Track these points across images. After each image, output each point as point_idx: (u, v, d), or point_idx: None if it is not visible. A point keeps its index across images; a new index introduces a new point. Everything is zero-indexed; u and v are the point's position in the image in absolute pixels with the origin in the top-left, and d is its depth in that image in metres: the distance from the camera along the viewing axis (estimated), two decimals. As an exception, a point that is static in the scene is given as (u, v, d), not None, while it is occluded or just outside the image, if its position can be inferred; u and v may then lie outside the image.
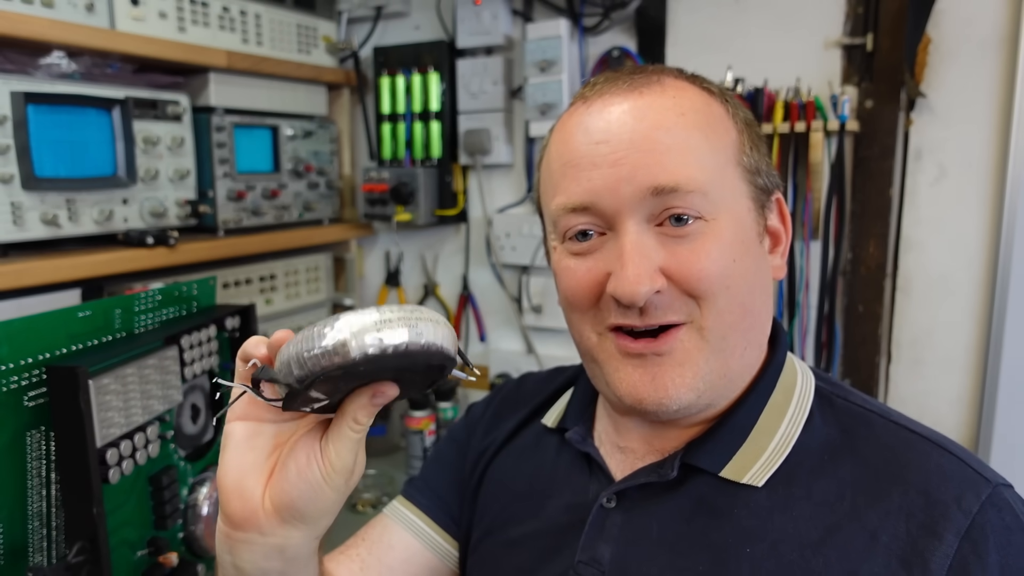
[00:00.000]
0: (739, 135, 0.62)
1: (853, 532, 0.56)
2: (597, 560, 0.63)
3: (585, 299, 0.61)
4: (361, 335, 0.45)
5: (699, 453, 0.62)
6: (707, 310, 0.58)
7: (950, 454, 0.58)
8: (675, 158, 0.57)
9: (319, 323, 0.47)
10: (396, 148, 1.69)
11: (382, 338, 0.45)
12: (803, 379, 0.66)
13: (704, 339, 0.58)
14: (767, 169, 0.64)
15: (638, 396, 0.59)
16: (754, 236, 0.61)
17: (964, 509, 0.54)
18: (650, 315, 0.58)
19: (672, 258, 0.57)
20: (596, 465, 0.68)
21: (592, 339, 0.62)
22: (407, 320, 0.46)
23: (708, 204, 0.57)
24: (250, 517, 0.52)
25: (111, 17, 1.20)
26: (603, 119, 0.59)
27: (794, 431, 0.62)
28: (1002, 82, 1.20)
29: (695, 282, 0.57)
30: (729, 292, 0.58)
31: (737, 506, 0.60)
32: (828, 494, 0.58)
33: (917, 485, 0.56)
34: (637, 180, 0.57)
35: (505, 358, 1.67)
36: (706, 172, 0.58)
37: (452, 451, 0.84)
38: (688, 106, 0.60)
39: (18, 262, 1.05)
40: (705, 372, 0.59)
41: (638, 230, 0.57)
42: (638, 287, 0.56)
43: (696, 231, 0.57)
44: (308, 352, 0.46)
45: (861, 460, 0.59)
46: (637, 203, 0.57)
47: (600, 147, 0.58)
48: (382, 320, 0.46)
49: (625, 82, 0.61)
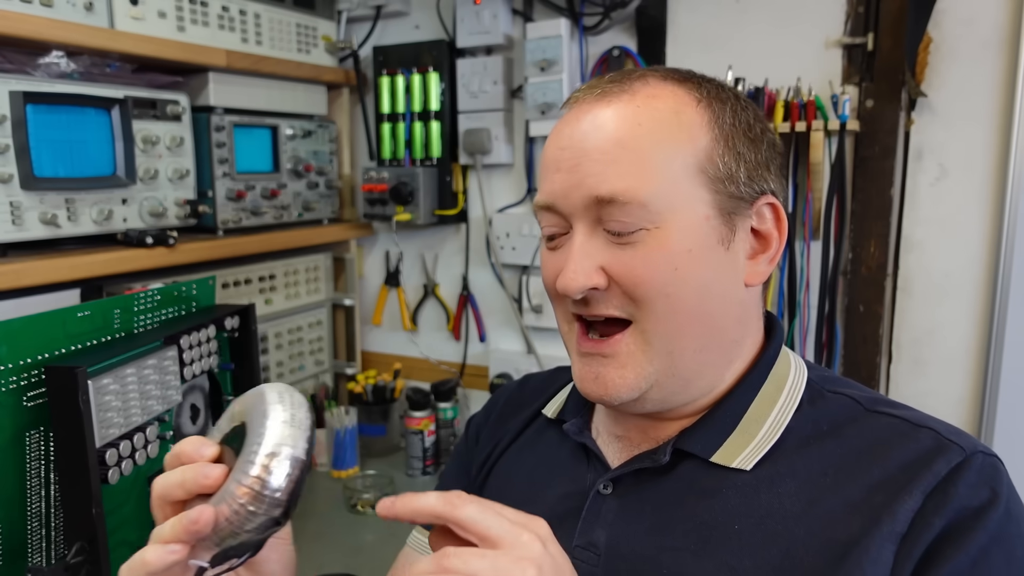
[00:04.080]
0: (712, 142, 0.62)
1: (834, 504, 0.58)
2: (593, 544, 0.66)
3: (552, 290, 0.66)
4: (293, 439, 0.50)
5: (691, 439, 0.65)
6: (647, 314, 0.61)
7: (931, 430, 0.61)
8: (618, 169, 0.60)
9: (242, 464, 0.50)
10: (396, 148, 1.69)
11: (305, 447, 0.50)
12: (796, 371, 0.68)
13: (647, 341, 0.62)
14: (748, 176, 0.63)
15: (585, 389, 0.65)
16: (714, 243, 0.62)
17: (934, 471, 0.57)
18: (592, 307, 0.63)
19: (615, 262, 0.61)
20: (593, 455, 0.71)
21: (564, 327, 0.68)
22: (295, 427, 0.51)
23: (648, 214, 0.60)
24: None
25: (110, 16, 1.20)
26: (571, 126, 0.63)
27: (783, 419, 0.64)
28: (1003, 82, 1.20)
29: (632, 287, 0.61)
30: (669, 299, 0.61)
31: (725, 487, 0.62)
32: (811, 471, 0.61)
33: (896, 460, 0.59)
34: (584, 188, 0.61)
35: (505, 358, 1.67)
36: (651, 182, 0.60)
37: (457, 468, 0.87)
38: (648, 116, 0.61)
39: (17, 262, 1.05)
40: (648, 372, 0.62)
41: (585, 232, 0.62)
42: (573, 283, 0.61)
43: (639, 239, 0.61)
44: (285, 483, 0.49)
45: (845, 442, 0.62)
46: (584, 209, 0.61)
47: (564, 152, 0.63)
48: (287, 422, 0.51)
49: (600, 90, 0.64)
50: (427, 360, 1.79)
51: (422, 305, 1.81)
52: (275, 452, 0.48)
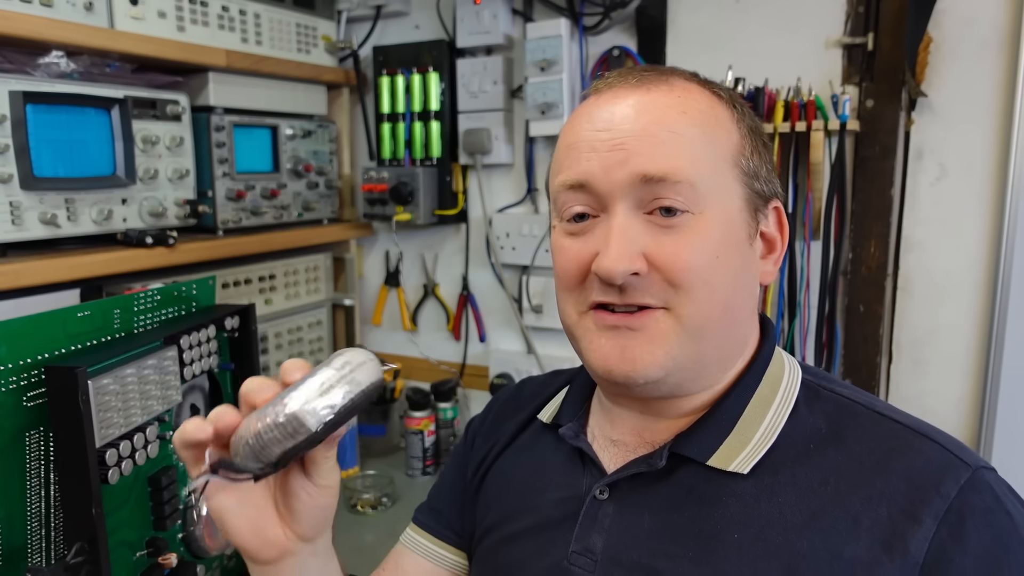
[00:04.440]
0: (741, 139, 0.64)
1: (836, 516, 0.58)
2: (590, 550, 0.65)
3: (573, 277, 0.63)
4: (314, 409, 0.50)
5: (687, 443, 0.64)
6: (685, 300, 0.60)
7: (932, 441, 0.60)
8: (669, 150, 0.59)
9: (269, 407, 0.51)
10: (396, 148, 1.68)
11: (331, 403, 0.50)
12: (790, 372, 0.68)
13: (681, 325, 0.61)
14: (767, 176, 0.66)
15: (608, 367, 0.62)
16: (744, 237, 0.63)
17: (943, 493, 0.56)
18: (628, 295, 0.60)
19: (657, 246, 0.60)
20: (589, 459, 0.70)
21: (573, 317, 0.65)
22: (345, 377, 0.51)
23: (696, 197, 0.60)
24: (284, 554, 0.59)
25: (110, 16, 1.20)
26: (608, 110, 0.62)
27: (779, 421, 0.64)
28: (1003, 82, 1.20)
29: (675, 272, 0.59)
30: (708, 286, 0.60)
31: (724, 494, 0.62)
32: (812, 480, 0.60)
33: (899, 472, 0.58)
34: (629, 166, 0.59)
35: (505, 358, 1.67)
36: (698, 166, 0.60)
37: (452, 467, 0.87)
38: (692, 106, 0.62)
39: (17, 262, 1.05)
40: (676, 353, 0.61)
41: (627, 214, 0.60)
42: (617, 265, 0.58)
43: (683, 223, 0.60)
44: (268, 437, 0.50)
45: (845, 448, 0.61)
46: (628, 188, 0.60)
47: (601, 134, 0.61)
48: (324, 387, 0.51)
49: (635, 78, 0.64)
50: (427, 360, 1.79)
51: (422, 305, 1.81)
52: (285, 409, 0.50)
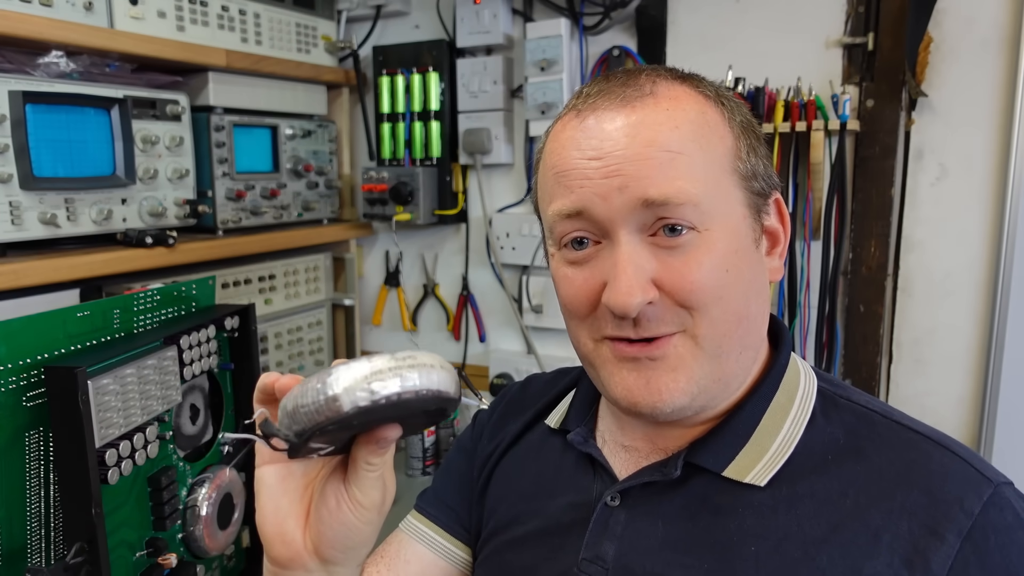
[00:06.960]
0: (735, 140, 0.62)
1: (856, 530, 0.56)
2: (601, 558, 0.64)
3: (582, 308, 0.62)
4: (352, 390, 0.48)
5: (702, 452, 0.63)
6: (700, 320, 0.58)
7: (952, 453, 0.59)
8: (667, 172, 0.57)
9: (315, 376, 0.49)
10: (396, 148, 1.68)
11: (373, 390, 0.48)
12: (806, 380, 0.66)
13: (699, 346, 0.59)
14: (764, 171, 0.64)
15: (633, 400, 0.60)
16: (750, 243, 0.62)
17: (966, 509, 0.55)
18: (643, 327, 0.58)
19: (665, 269, 0.58)
20: (599, 465, 0.69)
21: (589, 345, 0.63)
22: (397, 370, 0.48)
23: (700, 215, 0.58)
24: (295, 558, 0.56)
25: (110, 16, 1.20)
26: (596, 137, 0.59)
27: (796, 431, 0.62)
28: (1004, 82, 1.20)
29: (687, 294, 0.58)
30: (722, 302, 0.59)
31: (741, 505, 0.60)
32: (831, 492, 0.58)
33: (920, 485, 0.57)
34: (629, 191, 0.57)
35: (505, 358, 1.67)
36: (699, 184, 0.58)
37: (460, 459, 0.85)
38: (682, 117, 0.59)
39: (16, 262, 1.05)
40: (699, 376, 0.59)
41: (631, 240, 0.58)
42: (630, 299, 0.56)
43: (689, 242, 0.58)
44: (303, 408, 0.49)
45: (864, 460, 0.59)
46: (628, 213, 0.58)
47: (592, 163, 0.59)
48: (373, 372, 0.48)
49: (618, 96, 0.60)
50: (427, 360, 1.79)
51: (422, 305, 1.81)
52: (327, 378, 0.49)
